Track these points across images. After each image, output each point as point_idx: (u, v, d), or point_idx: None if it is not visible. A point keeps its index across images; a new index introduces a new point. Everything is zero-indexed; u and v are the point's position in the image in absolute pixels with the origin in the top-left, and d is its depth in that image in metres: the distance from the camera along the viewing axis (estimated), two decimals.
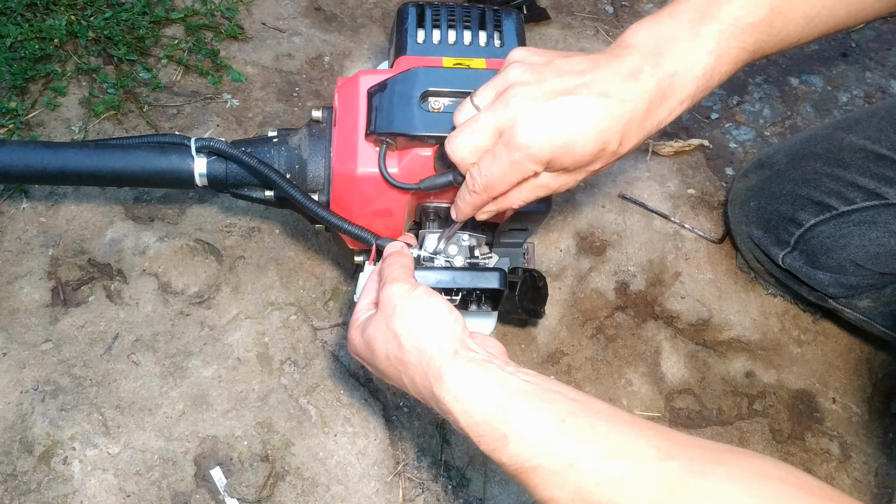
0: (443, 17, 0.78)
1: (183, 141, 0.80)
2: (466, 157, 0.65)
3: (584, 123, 0.60)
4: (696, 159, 1.26)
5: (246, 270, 1.08)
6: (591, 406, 0.54)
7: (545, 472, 0.51)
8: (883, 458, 1.05)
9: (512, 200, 0.68)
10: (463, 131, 0.64)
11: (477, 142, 0.64)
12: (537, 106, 0.61)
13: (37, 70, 1.20)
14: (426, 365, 0.58)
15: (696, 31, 0.61)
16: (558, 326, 1.09)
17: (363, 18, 1.37)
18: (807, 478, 0.47)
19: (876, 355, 1.12)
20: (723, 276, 1.15)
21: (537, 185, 0.66)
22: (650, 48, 0.62)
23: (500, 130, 0.62)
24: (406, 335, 0.60)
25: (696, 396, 1.07)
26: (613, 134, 0.61)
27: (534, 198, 0.68)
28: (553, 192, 0.68)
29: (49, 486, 0.91)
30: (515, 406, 0.54)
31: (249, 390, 1.00)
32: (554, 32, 1.39)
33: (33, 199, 1.11)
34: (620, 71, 0.62)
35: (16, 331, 1.01)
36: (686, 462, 0.48)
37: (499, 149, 0.63)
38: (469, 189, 0.67)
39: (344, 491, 0.95)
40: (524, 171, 0.63)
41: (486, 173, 0.64)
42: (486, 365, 0.57)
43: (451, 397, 0.56)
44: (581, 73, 0.62)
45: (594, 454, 0.50)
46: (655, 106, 0.62)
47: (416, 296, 0.62)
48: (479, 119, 0.63)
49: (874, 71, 1.41)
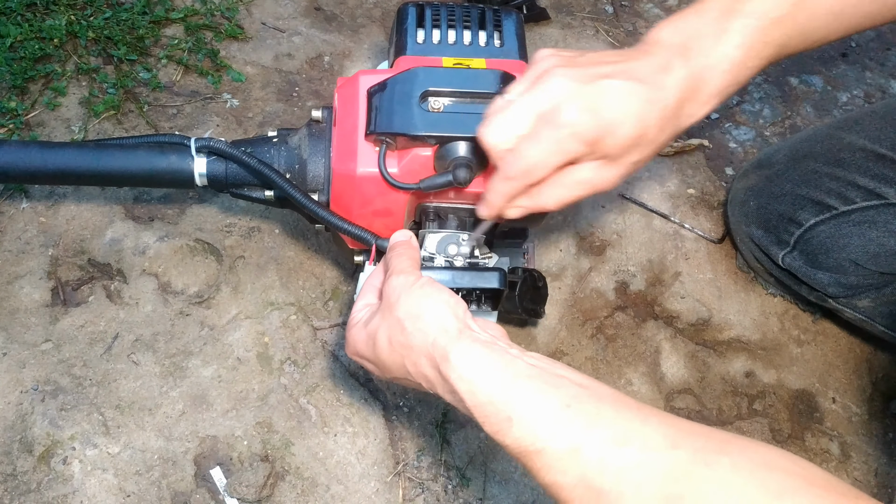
0: (443, 17, 0.78)
1: (183, 141, 0.80)
2: (502, 142, 0.63)
3: (626, 105, 0.61)
4: (696, 159, 1.26)
5: (246, 270, 1.08)
6: (597, 391, 0.53)
7: (549, 457, 0.51)
8: (883, 458, 1.05)
9: (548, 198, 0.66)
10: (499, 116, 0.63)
11: (514, 126, 0.62)
12: (580, 86, 0.61)
13: (37, 70, 1.20)
14: (431, 346, 0.58)
15: (722, 26, 0.62)
16: (558, 326, 1.09)
17: (363, 18, 1.37)
18: (812, 468, 0.47)
19: (876, 355, 1.12)
20: (723, 276, 1.15)
21: (578, 180, 0.65)
22: (677, 44, 0.62)
23: (540, 113, 0.61)
24: (409, 319, 0.60)
25: (695, 396, 1.07)
26: (652, 120, 0.62)
27: (573, 197, 0.66)
28: (592, 192, 0.66)
29: (49, 486, 0.91)
30: (521, 388, 0.53)
31: (249, 390, 1.00)
32: (554, 32, 1.39)
33: (33, 199, 1.11)
34: (652, 63, 0.62)
35: (16, 331, 1.01)
36: (691, 452, 0.48)
37: (541, 129, 0.61)
38: (504, 175, 0.64)
39: (344, 491, 0.95)
40: (568, 150, 0.62)
41: (526, 155, 0.62)
42: (491, 346, 0.57)
43: (456, 376, 0.55)
44: (616, 63, 0.63)
45: (599, 441, 0.50)
46: (687, 99, 0.63)
47: (419, 285, 0.62)
48: (518, 103, 0.62)
49: (874, 71, 1.41)
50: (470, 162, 0.70)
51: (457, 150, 0.70)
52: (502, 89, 0.71)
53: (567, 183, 0.65)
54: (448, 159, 0.70)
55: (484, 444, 0.99)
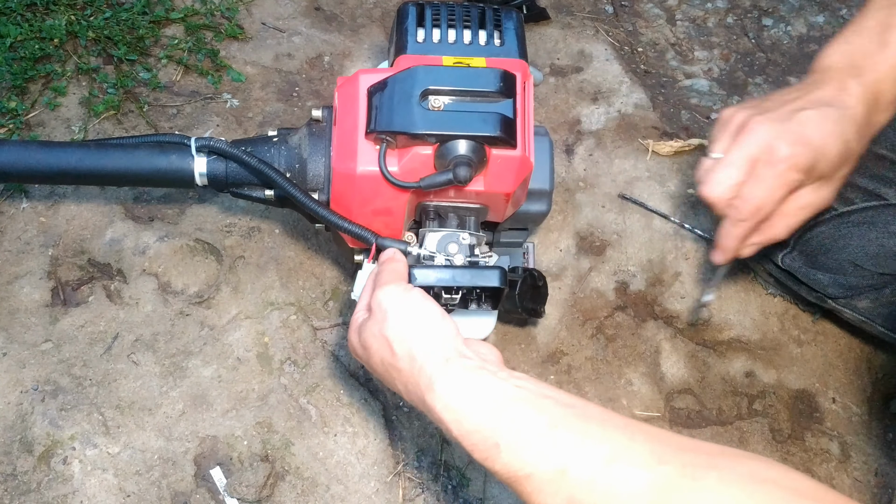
0: (443, 17, 0.78)
1: (183, 140, 0.80)
2: (725, 193, 0.72)
3: (826, 129, 0.69)
4: (696, 159, 1.26)
5: (246, 270, 1.08)
6: (584, 411, 0.54)
7: (538, 480, 0.51)
8: (883, 458, 1.05)
9: (778, 229, 0.75)
10: (715, 173, 0.72)
11: (732, 176, 0.71)
12: (782, 125, 0.70)
13: (37, 70, 1.20)
14: (417, 373, 0.58)
15: (882, 40, 0.70)
16: (558, 326, 1.09)
17: (363, 18, 1.37)
18: (803, 480, 0.47)
19: (876, 355, 1.12)
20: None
21: (801, 206, 0.74)
22: (846, 66, 0.71)
23: (753, 159, 0.70)
24: (397, 341, 0.60)
25: (695, 396, 1.07)
26: (850, 135, 0.70)
27: (799, 222, 0.75)
28: (815, 213, 0.75)
29: (49, 486, 0.91)
30: (507, 414, 0.53)
31: (249, 390, 1.00)
32: (554, 32, 1.39)
33: (33, 199, 1.11)
34: (830, 88, 0.71)
35: (16, 331, 1.01)
36: (679, 467, 0.48)
37: (760, 171, 0.70)
38: (735, 219, 0.73)
39: (344, 491, 0.95)
40: (789, 182, 0.71)
41: (753, 196, 0.71)
42: (477, 372, 0.56)
43: (441, 406, 0.55)
44: (799, 98, 0.72)
45: (586, 460, 0.50)
46: (871, 110, 0.71)
47: (408, 299, 0.62)
48: (728, 157, 0.71)
49: None
50: (470, 160, 0.70)
51: (457, 148, 0.70)
52: (502, 88, 0.71)
53: (791, 211, 0.74)
54: (448, 158, 0.70)
55: None
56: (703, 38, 1.43)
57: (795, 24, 1.46)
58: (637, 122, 1.28)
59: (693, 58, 1.41)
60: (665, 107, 1.33)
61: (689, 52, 1.42)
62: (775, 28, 1.46)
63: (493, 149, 0.72)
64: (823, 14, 1.48)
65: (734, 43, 1.43)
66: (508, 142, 0.71)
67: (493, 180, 0.74)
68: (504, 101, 0.71)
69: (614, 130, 1.27)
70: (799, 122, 0.69)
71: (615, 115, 1.29)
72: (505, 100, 0.71)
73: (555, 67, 1.35)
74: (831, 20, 1.47)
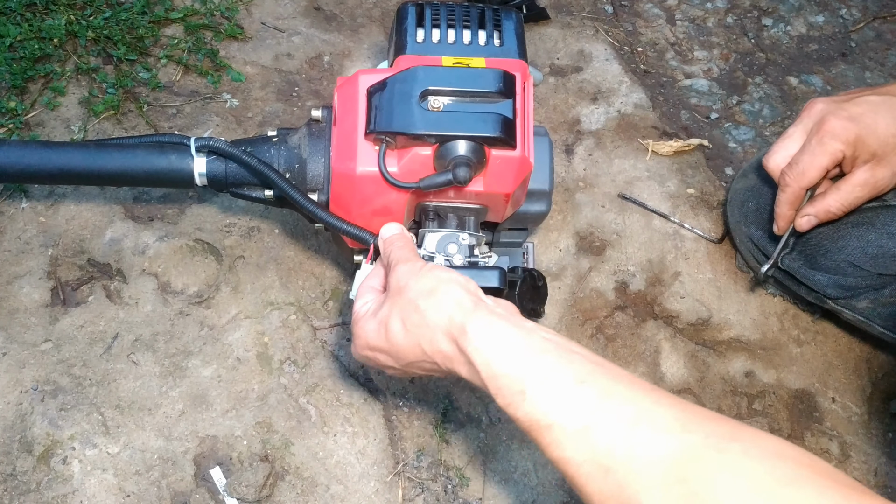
0: (442, 17, 0.78)
1: (182, 140, 0.80)
2: (780, 162, 0.82)
3: (882, 110, 0.76)
4: (696, 159, 1.26)
5: (245, 270, 1.08)
6: (611, 370, 0.53)
7: (559, 432, 0.51)
8: (883, 458, 1.05)
9: (832, 203, 0.82)
10: (776, 144, 0.83)
11: (789, 148, 0.81)
12: (839, 104, 0.78)
13: (36, 70, 1.20)
14: (448, 320, 0.58)
15: None
16: (558, 326, 1.09)
17: (363, 18, 1.37)
18: (820, 461, 0.47)
19: (875, 355, 1.12)
20: (722, 275, 1.15)
21: (855, 183, 0.80)
22: None
23: (806, 131, 0.80)
24: (423, 297, 0.60)
25: (695, 396, 1.07)
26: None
27: (854, 199, 0.82)
28: (872, 194, 0.82)
29: (49, 486, 0.91)
30: (535, 363, 0.53)
31: (249, 390, 1.00)
32: (553, 32, 1.39)
33: (33, 199, 1.11)
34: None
35: (15, 331, 1.01)
36: (702, 436, 0.48)
37: (809, 141, 0.79)
38: (783, 186, 0.82)
39: (343, 491, 0.95)
40: (832, 151, 0.78)
41: (797, 161, 0.80)
42: (508, 319, 0.57)
43: (473, 348, 0.56)
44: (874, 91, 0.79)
45: (610, 420, 0.49)
46: None
47: (428, 268, 0.62)
48: (789, 130, 0.82)
49: (874, 71, 1.41)
50: (469, 161, 0.70)
51: (456, 148, 0.70)
52: (502, 88, 0.71)
53: (845, 188, 0.81)
54: (448, 158, 0.70)
55: (483, 444, 0.99)
56: (702, 38, 1.43)
57: (795, 24, 1.46)
58: (637, 121, 1.28)
59: (693, 58, 1.41)
60: (665, 107, 1.33)
61: (689, 51, 1.42)
62: (775, 28, 1.46)
63: (492, 149, 0.72)
64: (823, 14, 1.48)
65: (734, 43, 1.43)
66: (508, 142, 0.71)
67: (493, 181, 0.74)
68: (504, 101, 0.71)
69: (614, 130, 1.27)
70: (856, 103, 0.77)
71: (615, 114, 1.29)
72: (504, 100, 0.71)
73: (554, 67, 1.35)
74: (831, 20, 1.47)
